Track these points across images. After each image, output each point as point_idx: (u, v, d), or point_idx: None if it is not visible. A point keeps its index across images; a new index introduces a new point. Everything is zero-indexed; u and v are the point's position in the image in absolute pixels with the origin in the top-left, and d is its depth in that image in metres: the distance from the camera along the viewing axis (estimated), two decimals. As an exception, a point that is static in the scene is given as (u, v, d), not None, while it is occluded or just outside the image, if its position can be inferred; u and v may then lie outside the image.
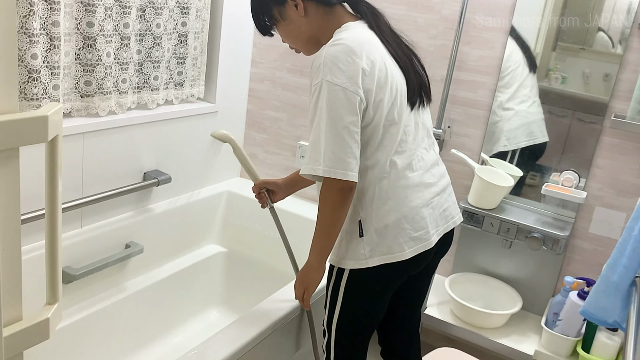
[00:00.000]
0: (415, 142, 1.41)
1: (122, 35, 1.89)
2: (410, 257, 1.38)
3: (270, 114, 2.51)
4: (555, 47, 1.94)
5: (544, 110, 1.98)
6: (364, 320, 1.49)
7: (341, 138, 1.26)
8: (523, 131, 2.04)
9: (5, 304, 0.72)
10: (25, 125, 0.67)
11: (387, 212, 1.36)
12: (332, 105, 1.26)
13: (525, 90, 2.01)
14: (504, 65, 1.99)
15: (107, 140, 1.93)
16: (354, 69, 1.26)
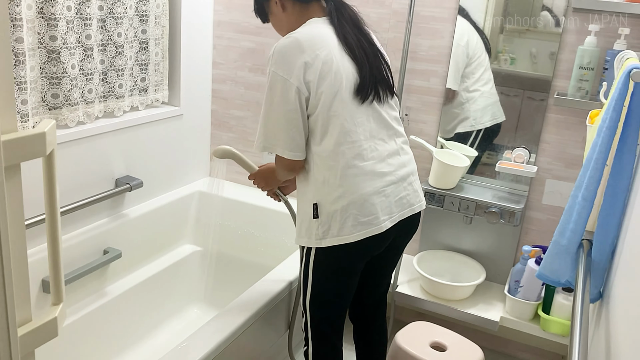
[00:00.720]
0: (367, 134, 1.50)
1: (85, 47, 1.93)
2: (357, 240, 1.49)
3: (235, 113, 2.58)
4: (502, 29, 2.07)
5: (497, 92, 2.11)
6: (332, 297, 1.62)
7: (279, 121, 1.45)
8: (488, 112, 2.15)
9: (17, 306, 0.79)
10: (26, 142, 0.74)
11: (337, 198, 1.48)
12: (273, 93, 1.44)
13: (487, 73, 2.12)
14: (471, 53, 2.10)
15: (78, 150, 1.97)
16: (296, 62, 1.41)
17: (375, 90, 1.51)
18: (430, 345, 1.94)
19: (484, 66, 2.12)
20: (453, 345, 1.94)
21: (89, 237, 2.04)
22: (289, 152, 1.47)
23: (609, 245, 1.35)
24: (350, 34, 1.50)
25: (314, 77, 1.41)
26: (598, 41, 1.84)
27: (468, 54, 2.11)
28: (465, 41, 2.10)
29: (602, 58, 1.86)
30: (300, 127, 1.45)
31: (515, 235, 2.17)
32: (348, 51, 1.48)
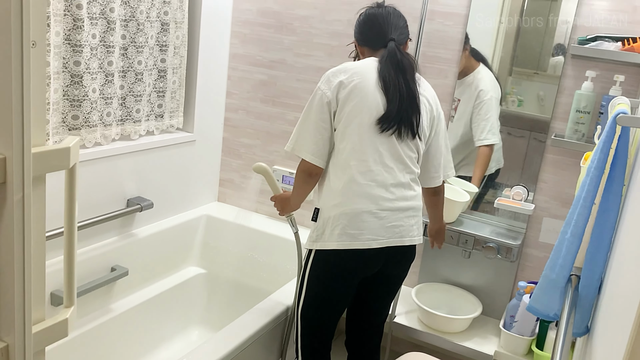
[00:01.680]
0: (377, 159, 1.63)
1: (107, 72, 2.04)
2: (340, 248, 1.62)
3: (244, 141, 2.68)
4: (511, 72, 2.15)
5: (503, 131, 2.18)
6: (321, 303, 1.72)
7: (309, 128, 1.66)
8: (495, 158, 2.23)
9: (33, 307, 0.86)
10: (53, 155, 0.82)
11: (334, 206, 1.64)
12: (311, 103, 1.67)
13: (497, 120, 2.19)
14: (485, 97, 2.18)
15: (93, 170, 2.06)
16: (335, 80, 1.65)
17: (398, 126, 1.64)
18: (424, 375, 1.97)
19: (496, 112, 2.19)
20: (447, 377, 1.97)
21: (98, 254, 2.12)
22: (310, 155, 1.66)
23: (595, 280, 1.40)
24: (391, 75, 1.65)
25: (343, 96, 1.63)
26: (595, 86, 1.92)
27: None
28: (497, 91, 2.17)
29: (598, 103, 1.94)
30: (325, 136, 1.66)
31: (512, 271, 2.22)
32: (382, 86, 1.64)
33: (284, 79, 2.53)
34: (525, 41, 2.09)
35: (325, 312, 1.74)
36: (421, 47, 2.21)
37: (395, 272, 1.77)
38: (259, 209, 2.72)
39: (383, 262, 1.69)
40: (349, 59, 1.84)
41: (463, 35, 2.16)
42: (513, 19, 2.09)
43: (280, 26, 2.48)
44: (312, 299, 1.73)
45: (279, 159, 2.62)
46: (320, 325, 1.76)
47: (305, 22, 2.43)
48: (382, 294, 1.83)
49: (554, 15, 2.01)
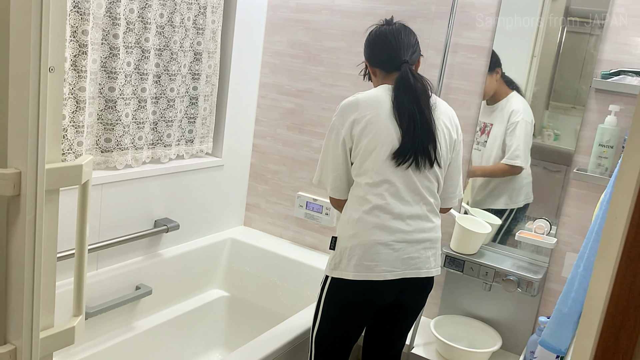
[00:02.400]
0: (394, 192, 1.63)
1: (140, 99, 2.15)
2: (355, 279, 1.63)
3: (271, 167, 2.74)
4: (547, 105, 2.15)
5: (538, 166, 2.15)
6: (334, 330, 1.73)
7: (328, 163, 1.71)
8: (524, 192, 2.22)
9: (41, 314, 0.91)
10: (66, 171, 0.89)
11: (350, 237, 1.65)
12: (329, 138, 1.71)
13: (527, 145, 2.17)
14: (517, 118, 2.16)
15: (123, 191, 2.15)
16: (349, 117, 1.66)
17: (414, 158, 1.64)
18: (439, 408, 1.94)
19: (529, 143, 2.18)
20: (462, 411, 1.94)
21: (124, 272, 2.19)
22: (331, 190, 1.74)
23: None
24: (405, 104, 1.64)
25: (358, 132, 1.64)
26: (618, 121, 1.90)
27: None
28: (530, 115, 2.16)
29: (621, 137, 1.92)
30: (342, 172, 1.70)
31: (533, 306, 2.17)
32: (397, 117, 1.64)
33: (310, 108, 2.59)
34: (562, 77, 2.08)
35: (338, 338, 1.75)
36: (444, 78, 2.24)
37: (411, 302, 1.77)
38: (283, 235, 2.76)
39: (398, 292, 1.69)
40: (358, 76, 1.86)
41: (486, 68, 2.18)
42: (548, 52, 2.09)
43: (309, 57, 2.56)
44: (325, 324, 1.74)
45: (304, 185, 2.66)
46: (332, 350, 1.77)
47: (332, 54, 2.50)
48: (398, 324, 1.82)
49: (592, 49, 2.00)
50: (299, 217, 2.68)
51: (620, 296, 0.67)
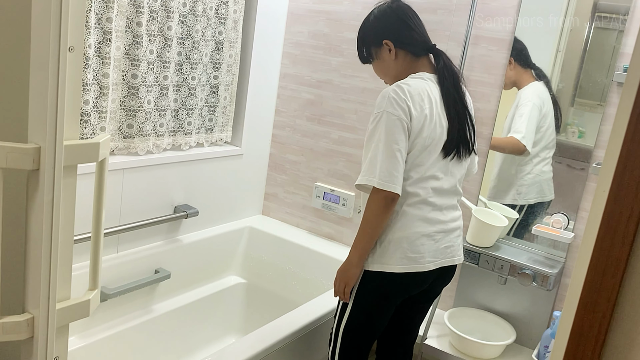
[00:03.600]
0: (437, 185, 1.64)
1: (162, 86, 2.19)
2: (401, 272, 1.61)
3: (290, 158, 2.77)
4: (573, 102, 2.12)
5: (562, 163, 2.12)
6: (366, 321, 1.70)
7: (394, 157, 1.53)
8: (535, 189, 2.21)
9: (58, 285, 0.95)
10: (83, 148, 0.92)
11: (395, 230, 1.61)
12: (390, 130, 1.53)
13: (546, 152, 2.15)
14: (539, 124, 2.17)
15: (144, 176, 2.20)
16: (406, 108, 1.54)
17: (457, 149, 1.66)
18: (450, 399, 1.95)
19: (545, 142, 2.15)
20: (473, 402, 1.94)
21: (144, 256, 2.24)
22: (397, 186, 1.54)
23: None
24: (452, 95, 1.64)
25: (416, 126, 1.56)
26: None
27: (541, 116, 2.18)
28: (541, 102, 2.16)
29: (642, 131, 1.89)
30: (401, 161, 1.55)
31: (549, 300, 2.16)
32: (446, 111, 1.63)
33: (330, 99, 2.60)
34: (588, 74, 2.05)
35: (369, 329, 1.73)
36: (464, 70, 2.23)
37: (437, 289, 1.79)
38: (300, 224, 2.79)
39: (432, 280, 1.72)
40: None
41: (507, 61, 2.17)
42: (574, 48, 2.07)
43: (329, 48, 2.57)
44: (358, 316, 1.70)
45: (322, 176, 2.68)
46: (361, 341, 1.74)
47: (353, 45, 2.49)
48: (419, 312, 1.84)
49: (618, 45, 1.97)
50: (316, 207, 2.70)
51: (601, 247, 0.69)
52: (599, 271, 0.70)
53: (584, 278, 0.71)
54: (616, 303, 0.71)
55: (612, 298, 0.70)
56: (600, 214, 0.70)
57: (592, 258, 0.71)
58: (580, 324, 0.72)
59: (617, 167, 0.68)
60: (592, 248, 0.70)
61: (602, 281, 0.70)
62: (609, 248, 0.70)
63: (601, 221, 0.70)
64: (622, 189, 0.68)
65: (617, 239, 0.69)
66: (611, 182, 0.69)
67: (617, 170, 0.68)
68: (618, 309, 0.71)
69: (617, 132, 0.69)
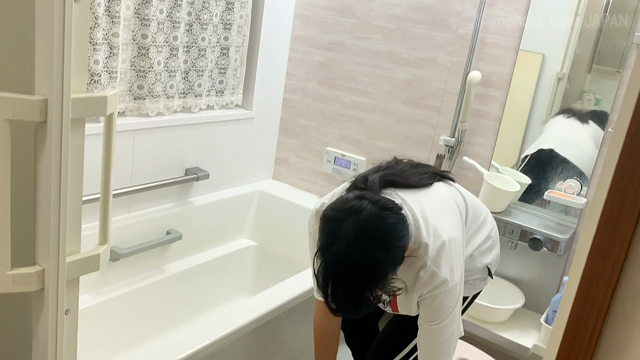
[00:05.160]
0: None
1: (172, 47, 2.17)
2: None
3: (301, 122, 2.75)
4: (590, 69, 2.06)
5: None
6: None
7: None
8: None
9: (68, 239, 0.96)
10: (91, 102, 0.92)
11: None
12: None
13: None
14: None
15: (155, 138, 2.20)
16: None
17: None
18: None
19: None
20: (480, 365, 1.96)
21: (156, 217, 2.26)
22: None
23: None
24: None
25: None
26: (659, 78, 1.83)
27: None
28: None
29: (661, 95, 1.85)
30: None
31: (559, 266, 2.16)
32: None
33: (341, 62, 2.57)
34: (608, 39, 1.99)
35: None
36: (479, 32, 2.18)
37: None
38: (311, 189, 2.79)
39: None
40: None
41: (523, 23, 2.11)
42: (592, 16, 2.00)
43: (341, 9, 2.53)
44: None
45: (333, 141, 2.67)
46: None
47: (366, 5, 2.46)
48: None
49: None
50: (326, 172, 2.70)
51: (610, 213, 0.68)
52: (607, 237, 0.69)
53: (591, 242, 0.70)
54: (622, 268, 0.70)
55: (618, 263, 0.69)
56: (610, 176, 0.68)
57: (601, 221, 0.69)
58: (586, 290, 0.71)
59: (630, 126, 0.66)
60: (602, 205, 0.69)
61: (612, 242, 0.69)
62: (619, 207, 0.68)
63: (611, 182, 0.68)
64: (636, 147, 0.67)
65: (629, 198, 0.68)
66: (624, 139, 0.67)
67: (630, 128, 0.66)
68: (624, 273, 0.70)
69: (632, 89, 0.67)
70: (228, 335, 1.67)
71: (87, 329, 1.96)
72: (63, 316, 0.99)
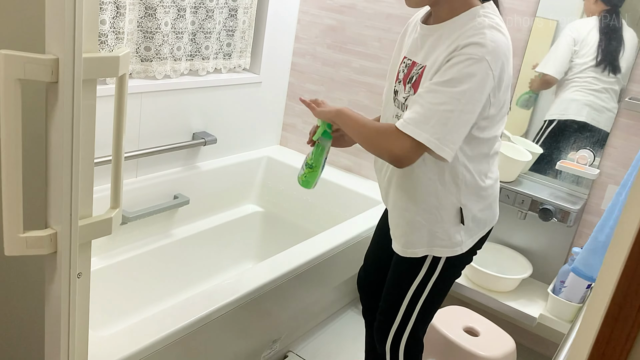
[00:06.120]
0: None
1: (179, 7, 2.11)
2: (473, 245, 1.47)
3: (309, 87, 2.70)
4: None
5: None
6: (439, 305, 1.57)
7: (466, 120, 1.23)
8: (559, 106, 2.12)
9: (80, 202, 0.94)
10: (103, 62, 0.89)
11: (484, 209, 1.42)
12: (477, 86, 1.20)
13: (581, 76, 2.06)
14: (578, 52, 2.05)
15: (162, 101, 2.17)
16: (506, 64, 1.25)
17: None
18: (463, 329, 1.98)
19: (586, 65, 2.06)
20: (486, 332, 1.97)
21: (163, 181, 2.25)
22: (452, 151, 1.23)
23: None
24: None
25: (506, 80, 1.27)
26: (680, 47, 1.78)
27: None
28: (575, 35, 2.06)
29: (681, 65, 1.80)
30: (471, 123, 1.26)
31: (568, 237, 2.15)
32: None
33: (352, 25, 2.51)
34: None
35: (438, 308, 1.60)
36: (495, -3, 2.12)
37: None
38: (318, 154, 2.76)
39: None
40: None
41: (541, -13, 2.05)
42: None
43: (353, -29, 2.46)
44: (433, 305, 1.53)
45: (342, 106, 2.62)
46: (428, 320, 1.59)
47: (378, -33, 2.39)
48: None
49: None
50: (335, 138, 2.66)
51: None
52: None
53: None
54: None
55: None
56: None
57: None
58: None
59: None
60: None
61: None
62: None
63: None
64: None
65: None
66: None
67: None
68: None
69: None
70: (235, 301, 1.67)
71: (96, 291, 1.97)
72: (75, 280, 0.98)
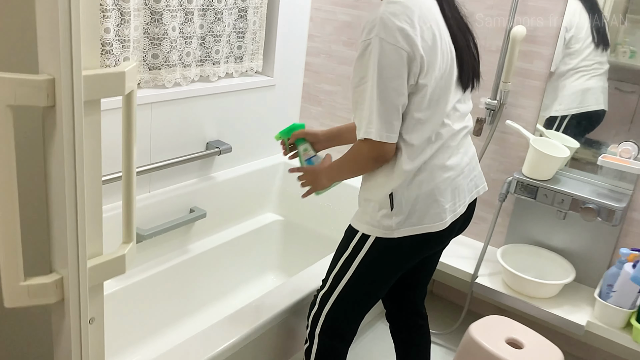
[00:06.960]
0: (454, 120, 1.38)
1: (186, 10, 1.99)
2: (438, 229, 1.38)
3: (325, 88, 2.57)
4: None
5: (610, 86, 1.93)
6: (366, 294, 1.48)
7: (390, 101, 1.24)
8: (575, 98, 2.01)
9: (88, 240, 0.82)
10: (106, 79, 0.76)
11: (421, 183, 1.34)
12: (382, 64, 1.22)
13: (586, 63, 1.97)
14: (575, 37, 1.96)
15: (173, 111, 2.05)
16: (409, 30, 1.22)
17: (472, 79, 1.41)
18: (505, 341, 1.84)
19: (583, 55, 1.96)
20: (531, 344, 1.83)
21: (178, 194, 2.13)
22: (395, 135, 1.27)
23: None
24: (451, 13, 1.35)
25: (425, 50, 1.24)
26: None
27: (566, 35, 1.96)
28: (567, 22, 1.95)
29: None
30: (405, 103, 1.27)
31: (613, 236, 2.00)
32: (452, 32, 1.34)
33: (369, 21, 2.37)
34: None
35: (367, 301, 1.49)
36: (523, -18, 1.98)
37: (462, 230, 1.57)
38: (338, 158, 2.63)
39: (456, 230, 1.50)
40: None
41: (574, -31, 1.90)
42: None
43: (368, -38, 2.32)
44: (357, 287, 1.45)
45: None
46: (355, 314, 1.51)
47: (395, -43, 2.24)
48: (437, 260, 1.65)
49: None
50: (355, 139, 2.53)
51: None
52: None
53: None
54: None
55: None
56: None
57: None
58: None
59: None
60: None
61: None
62: None
63: None
64: None
65: None
66: None
67: None
68: None
69: None
70: (262, 326, 1.55)
71: (112, 315, 1.86)
72: (87, 326, 0.86)
